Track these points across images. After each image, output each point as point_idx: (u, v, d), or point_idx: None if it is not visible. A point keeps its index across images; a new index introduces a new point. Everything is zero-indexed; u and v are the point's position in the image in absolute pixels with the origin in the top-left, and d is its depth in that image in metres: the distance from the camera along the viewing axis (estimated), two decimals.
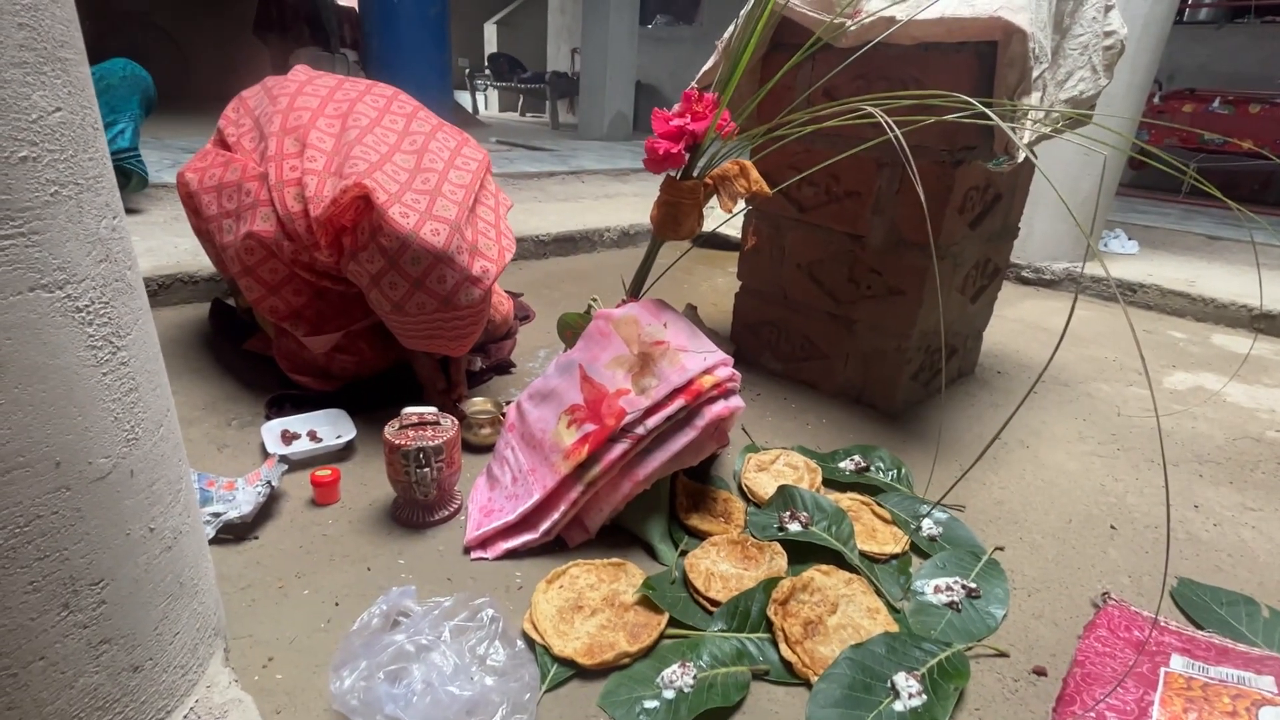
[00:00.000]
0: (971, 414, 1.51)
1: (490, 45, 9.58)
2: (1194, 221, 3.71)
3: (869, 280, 1.42)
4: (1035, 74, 1.15)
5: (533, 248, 2.52)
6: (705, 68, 1.41)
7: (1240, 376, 1.86)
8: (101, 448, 0.48)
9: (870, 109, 0.91)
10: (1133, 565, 1.04)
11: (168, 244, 1.94)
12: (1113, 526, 1.13)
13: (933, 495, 1.14)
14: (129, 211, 2.22)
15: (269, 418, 1.23)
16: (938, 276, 1.02)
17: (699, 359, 0.98)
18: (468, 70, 8.14)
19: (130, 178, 2.14)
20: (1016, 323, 2.20)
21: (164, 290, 1.74)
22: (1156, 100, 4.26)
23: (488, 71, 8.11)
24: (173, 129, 3.83)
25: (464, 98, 7.73)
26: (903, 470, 1.21)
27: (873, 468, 1.21)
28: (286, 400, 1.29)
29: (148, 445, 0.52)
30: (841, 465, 1.22)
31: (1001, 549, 1.05)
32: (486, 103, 9.21)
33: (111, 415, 0.48)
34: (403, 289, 1.06)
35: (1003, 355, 1.89)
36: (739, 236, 2.53)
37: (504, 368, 1.55)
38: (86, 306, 0.45)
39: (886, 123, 0.86)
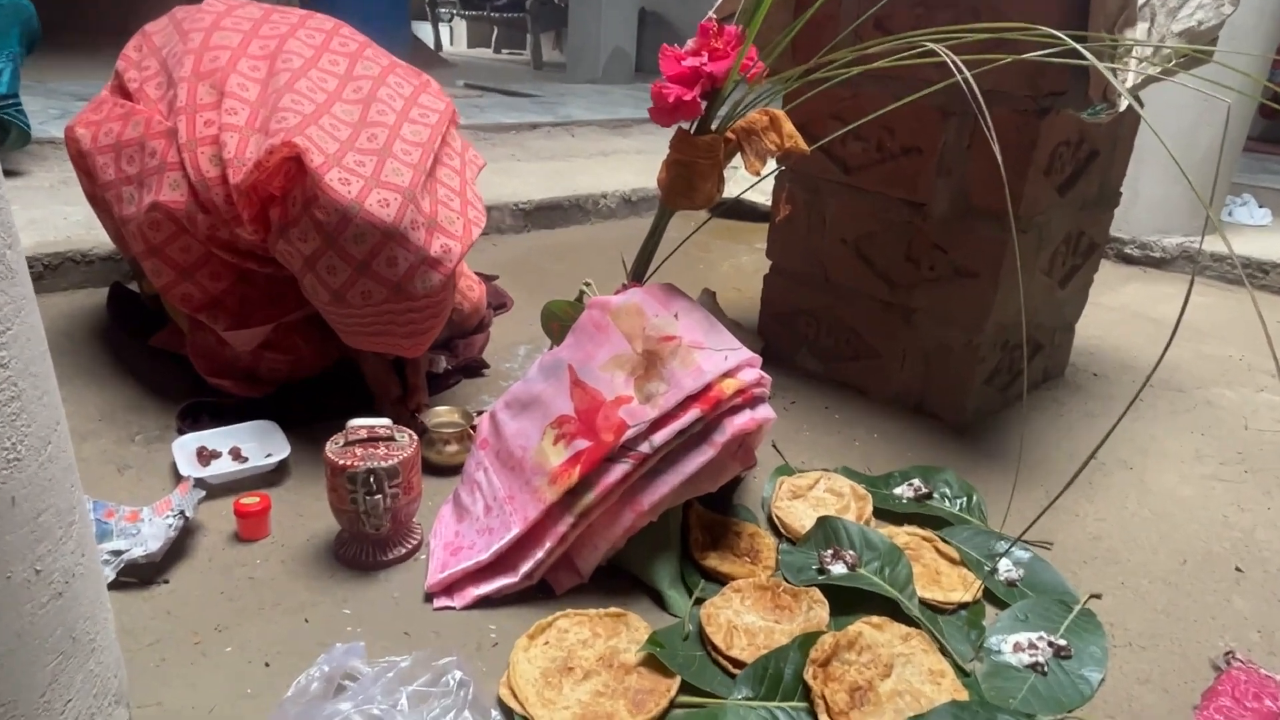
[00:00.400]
0: (1060, 427, 1.51)
1: None
2: None
3: (932, 259, 1.42)
4: (1141, 0, 1.15)
5: (510, 219, 2.52)
6: None
7: None
8: None
9: (933, 45, 0.91)
10: (1264, 617, 1.04)
11: (55, 214, 1.95)
12: (1238, 569, 1.13)
13: (1011, 529, 1.14)
14: (6, 174, 2.24)
15: (182, 431, 1.24)
16: (1018, 254, 1.02)
17: (719, 358, 0.98)
18: None
19: (8, 131, 2.16)
20: (1117, 311, 2.21)
21: (51, 272, 1.75)
22: None
23: None
24: (60, 70, 3.84)
25: (424, 30, 7.74)
26: (974, 498, 1.21)
27: (936, 494, 1.22)
28: (203, 409, 1.30)
29: (33, 467, 0.53)
30: (897, 491, 1.23)
31: (1098, 596, 1.05)
32: (452, 36, 9.22)
33: None
34: (344, 274, 1.07)
35: (1099, 353, 1.89)
36: (768, 204, 2.54)
37: (474, 369, 1.56)
38: None
39: (953, 62, 0.86)
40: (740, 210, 2.77)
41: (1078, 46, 0.85)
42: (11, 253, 0.52)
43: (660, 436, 0.94)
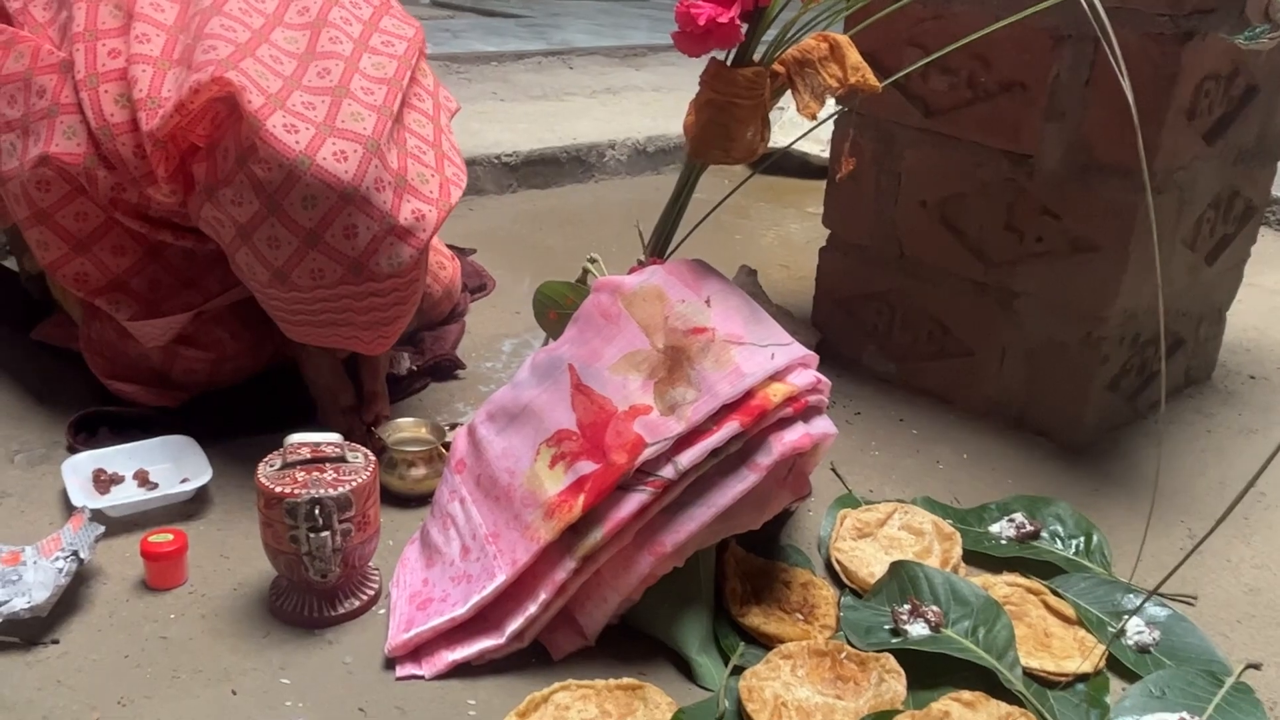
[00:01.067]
0: (1208, 448, 1.52)
1: None
2: None
3: (1040, 228, 1.43)
4: None
5: (491, 176, 2.55)
6: None
7: None
8: None
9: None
10: None
11: None
12: None
13: (1144, 579, 1.14)
14: None
15: (74, 449, 1.26)
16: (1154, 221, 1.01)
17: (763, 356, 0.99)
18: None
19: None
20: None
21: None
22: None
23: None
24: None
25: None
26: (1095, 538, 1.22)
27: (1045, 533, 1.22)
28: (102, 421, 1.32)
29: None
30: (994, 529, 1.23)
31: (1257, 667, 1.05)
32: None
33: None
34: (289, 247, 1.07)
35: (1258, 350, 1.90)
36: (824, 156, 2.54)
37: (446, 369, 1.58)
38: None
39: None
40: (789, 165, 2.78)
41: None
42: None
43: (688, 458, 0.95)
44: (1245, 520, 1.32)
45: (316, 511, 0.96)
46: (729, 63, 1.07)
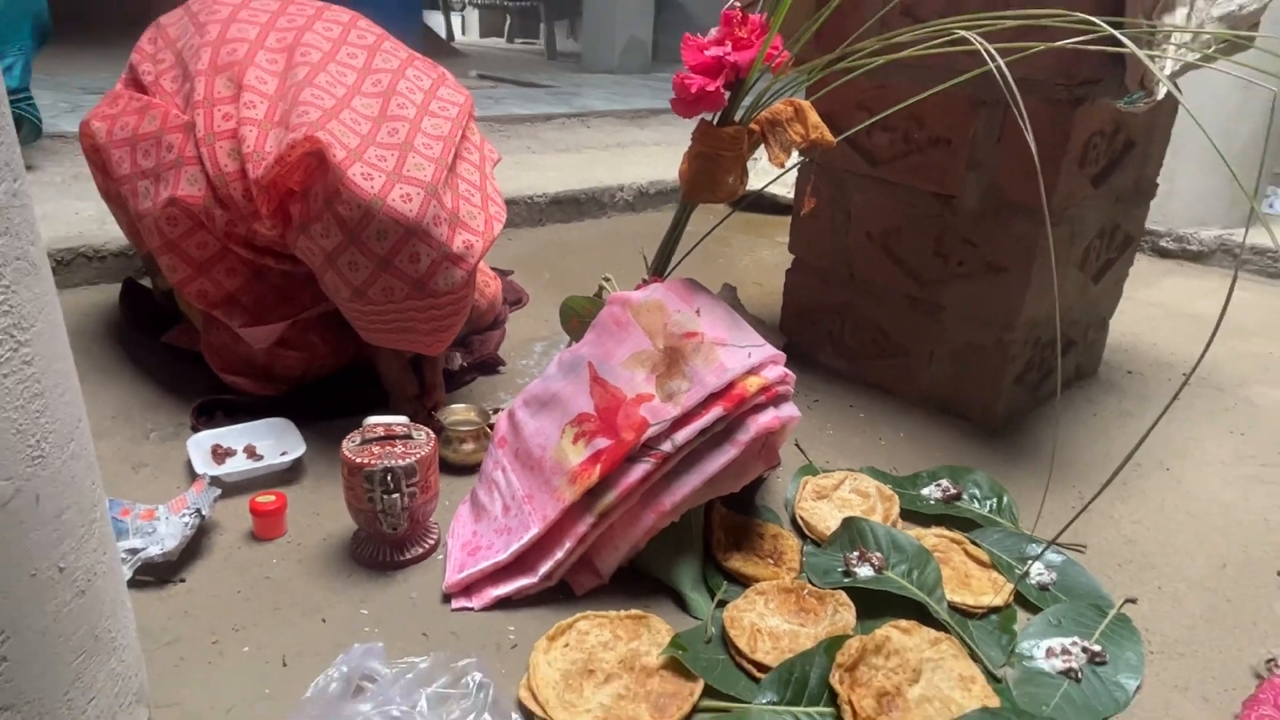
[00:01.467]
0: (1094, 427, 1.51)
1: None
2: None
3: (961, 254, 1.42)
4: None
5: (526, 212, 2.54)
6: None
7: None
8: (2, 467, 0.49)
9: (964, 32, 0.90)
10: None
11: (67, 209, 1.98)
12: None
13: (1043, 532, 1.13)
14: None
15: (196, 429, 1.26)
16: (1052, 248, 1.01)
17: (742, 355, 0.98)
18: None
19: (21, 125, 2.19)
20: (1153, 307, 2.18)
21: (63, 268, 1.77)
22: None
23: None
24: (71, 64, 3.89)
25: (435, 20, 7.76)
26: (1004, 499, 1.21)
27: (966, 495, 1.21)
28: (218, 407, 1.31)
29: (56, 464, 0.54)
30: (925, 492, 1.22)
31: (1133, 601, 1.04)
32: (464, 26, 9.24)
33: (14, 427, 0.50)
34: (365, 271, 1.08)
35: (1134, 350, 1.88)
36: (790, 197, 2.53)
37: (490, 366, 1.57)
38: None
39: (985, 49, 0.86)
40: (761, 204, 2.76)
41: (1115, 33, 0.85)
42: (34, 249, 0.53)
43: (682, 435, 0.95)
44: (1124, 485, 1.31)
45: (389, 478, 0.97)
46: (715, 122, 1.07)
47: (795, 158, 1.16)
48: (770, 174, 2.53)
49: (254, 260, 1.22)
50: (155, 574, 0.97)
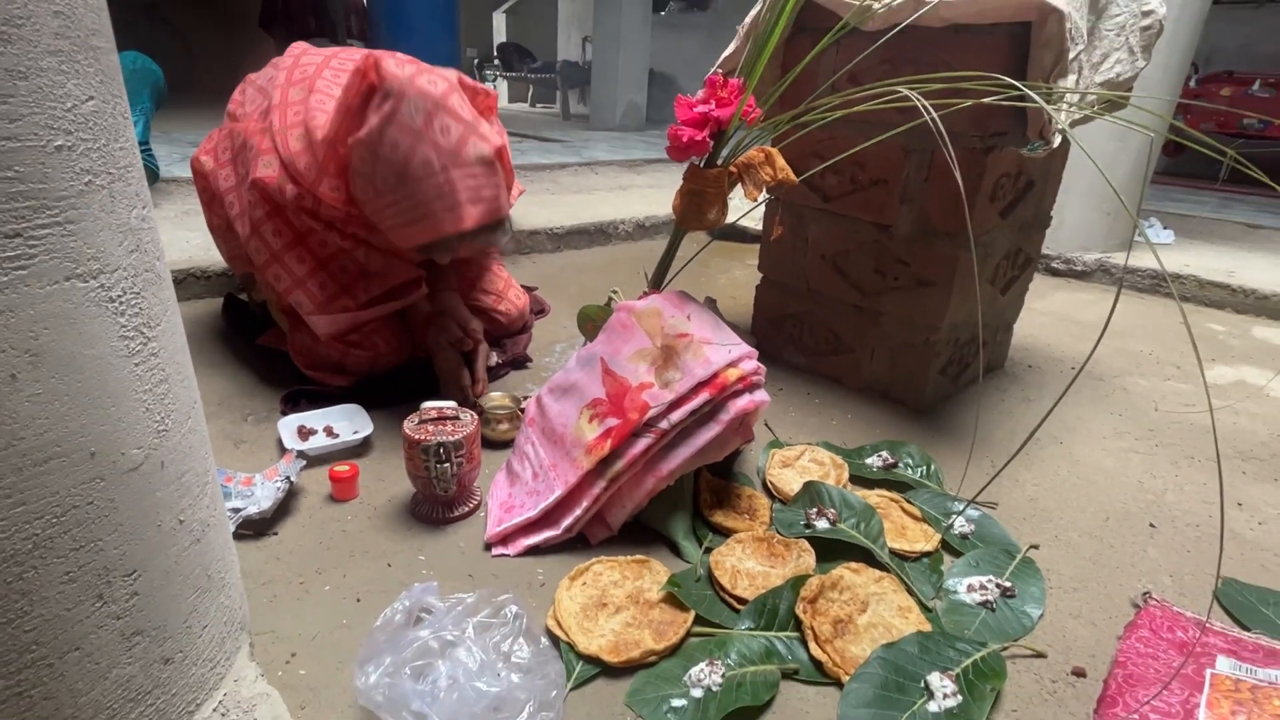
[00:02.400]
0: (1002, 409, 1.50)
1: (499, 35, 9.60)
2: (1232, 210, 3.65)
3: (896, 271, 1.41)
4: (1071, 55, 1.14)
5: (546, 241, 2.52)
6: (726, 53, 1.41)
7: None
8: (134, 438, 0.49)
9: (906, 91, 0.90)
10: (1174, 565, 1.03)
11: (179, 239, 1.97)
12: (1152, 525, 1.12)
13: (964, 492, 1.13)
14: None
15: (284, 413, 1.25)
16: (975, 264, 1.01)
17: (724, 351, 0.98)
18: (476, 61, 8.16)
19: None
20: (1047, 315, 2.18)
21: (177, 285, 1.76)
22: (1192, 84, 4.18)
23: (497, 62, 8.14)
24: (179, 123, 3.88)
25: None
26: (932, 467, 1.20)
27: (901, 464, 1.21)
28: (302, 396, 1.30)
29: (177, 437, 0.53)
30: (869, 461, 1.22)
31: (1036, 547, 1.04)
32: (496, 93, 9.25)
33: (143, 406, 0.49)
34: (404, 145, 1.02)
35: (1033, 349, 1.87)
36: (758, 229, 2.52)
37: (520, 363, 1.56)
38: (119, 297, 0.46)
39: (923, 105, 0.86)
40: (734, 233, 2.76)
41: (1026, 90, 0.84)
42: (160, 264, 0.53)
43: (677, 415, 0.94)
44: (1027, 456, 1.31)
45: (441, 450, 0.96)
46: (702, 165, 1.06)
47: (763, 195, 1.16)
48: (744, 208, 2.52)
49: (320, 234, 1.20)
50: (254, 528, 0.97)
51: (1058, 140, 1.10)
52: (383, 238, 1.23)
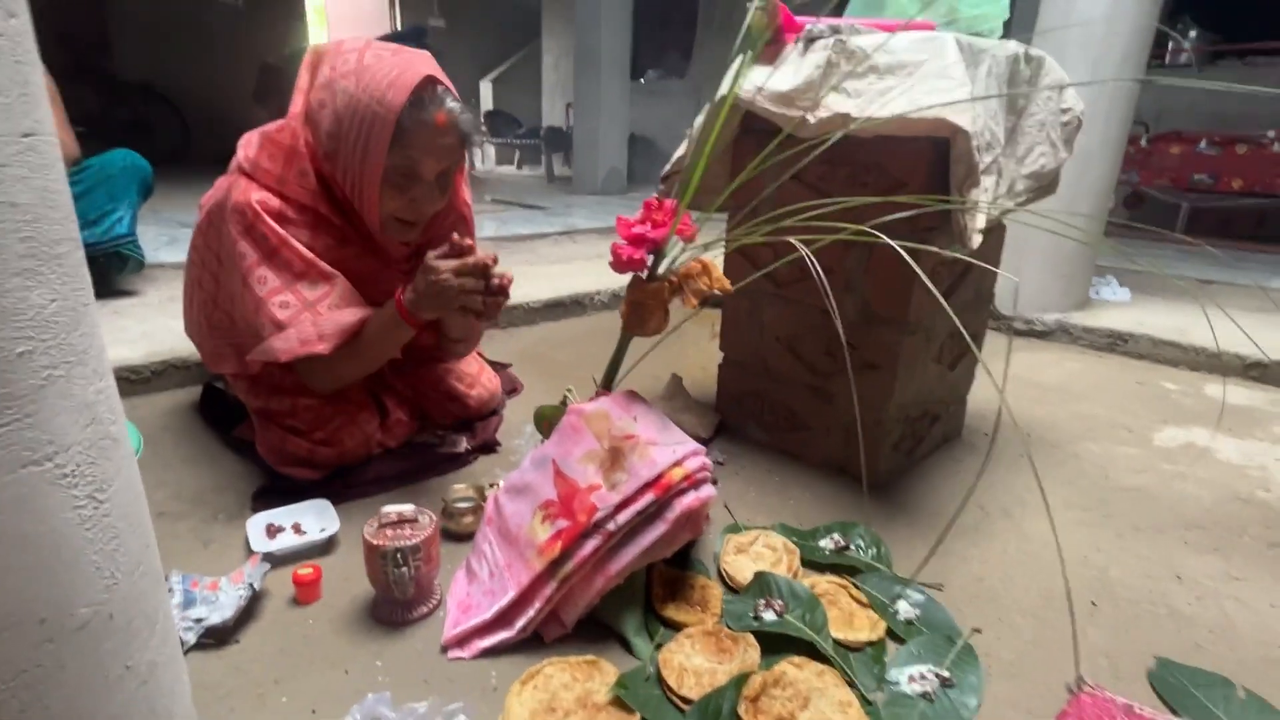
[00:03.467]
0: (956, 482, 1.54)
1: (487, 102, 9.93)
2: (1189, 263, 3.78)
3: (844, 354, 1.47)
4: (988, 160, 1.23)
5: (523, 315, 2.59)
6: (676, 155, 1.50)
7: (1232, 430, 1.89)
8: (85, 598, 0.52)
9: (794, 241, 0.98)
10: (1111, 645, 1.06)
11: (161, 326, 2.02)
12: (1093, 603, 1.15)
13: (914, 573, 1.16)
14: (125, 294, 2.32)
15: (255, 510, 1.27)
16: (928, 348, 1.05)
17: (668, 452, 1.02)
18: None
19: (128, 261, 2.25)
20: (1008, 378, 2.24)
21: (158, 376, 1.80)
22: (1144, 143, 4.39)
23: (484, 129, 8.40)
24: (173, 201, 3.98)
25: None
26: (882, 548, 1.23)
27: (853, 546, 1.23)
28: (273, 492, 1.33)
29: (126, 586, 0.57)
30: (821, 544, 1.24)
31: (978, 631, 1.06)
32: (483, 157, 9.50)
33: (94, 565, 0.53)
34: (347, 80, 1.15)
35: (991, 415, 1.90)
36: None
37: (490, 447, 1.60)
38: (73, 472, 0.51)
39: (813, 264, 0.93)
40: (715, 301, 2.83)
41: (944, 204, 0.91)
42: (116, 427, 0.58)
43: (623, 516, 0.98)
44: (977, 531, 1.34)
45: (399, 555, 0.99)
46: (645, 278, 1.13)
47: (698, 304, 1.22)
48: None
49: (294, 250, 1.22)
50: (216, 637, 0.98)
51: (976, 241, 1.18)
52: (360, 225, 1.28)
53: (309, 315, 1.22)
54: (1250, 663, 1.03)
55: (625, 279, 1.13)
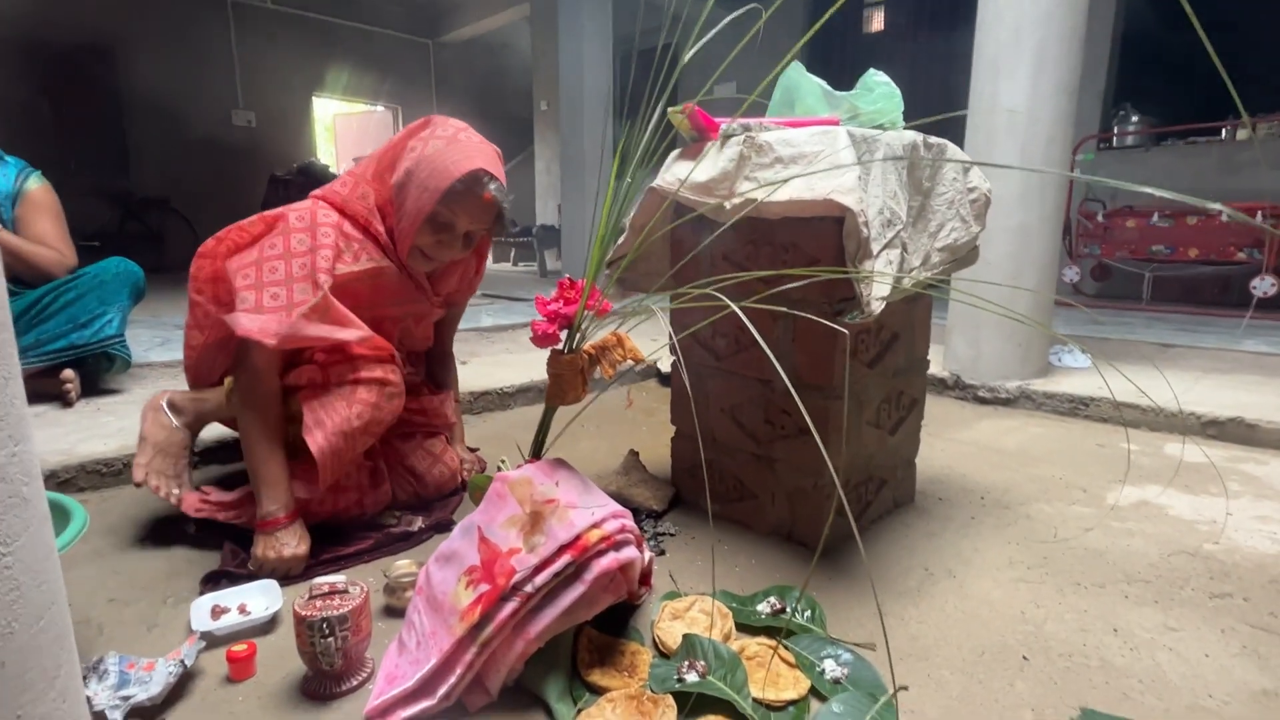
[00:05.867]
0: (905, 545, 1.55)
1: None
2: (1154, 330, 3.88)
3: (782, 421, 1.53)
4: (890, 235, 1.34)
5: (497, 400, 2.66)
6: (619, 242, 1.62)
7: (1187, 487, 1.91)
8: None
9: (729, 302, 1.07)
10: (1038, 698, 1.06)
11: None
12: (1025, 657, 1.15)
13: (853, 635, 1.17)
14: (111, 392, 2.42)
15: (203, 593, 1.29)
16: (845, 415, 1.12)
17: (586, 514, 1.06)
18: None
19: (115, 361, 2.36)
20: (969, 445, 2.27)
21: (129, 469, 1.86)
22: (1100, 218, 4.59)
23: (514, 223, 8.84)
24: (175, 305, 4.16)
25: None
26: (817, 610, 1.25)
27: (788, 609, 1.25)
28: (224, 575, 1.36)
29: (24, 638, 0.62)
30: (759, 608, 1.26)
31: (905, 689, 1.07)
32: None
33: None
34: (437, 144, 1.46)
35: (948, 480, 1.94)
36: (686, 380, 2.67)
37: (444, 526, 1.62)
38: None
39: (738, 310, 1.02)
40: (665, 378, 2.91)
41: (838, 274, 1.00)
42: (29, 488, 0.64)
43: (541, 578, 1.01)
44: (918, 592, 1.35)
45: (325, 625, 1.01)
46: (561, 350, 1.21)
47: (626, 365, 1.30)
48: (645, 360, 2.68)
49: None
50: (144, 715, 1.00)
51: (879, 307, 1.26)
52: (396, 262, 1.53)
53: (284, 314, 1.35)
54: (1176, 712, 1.02)
55: None
